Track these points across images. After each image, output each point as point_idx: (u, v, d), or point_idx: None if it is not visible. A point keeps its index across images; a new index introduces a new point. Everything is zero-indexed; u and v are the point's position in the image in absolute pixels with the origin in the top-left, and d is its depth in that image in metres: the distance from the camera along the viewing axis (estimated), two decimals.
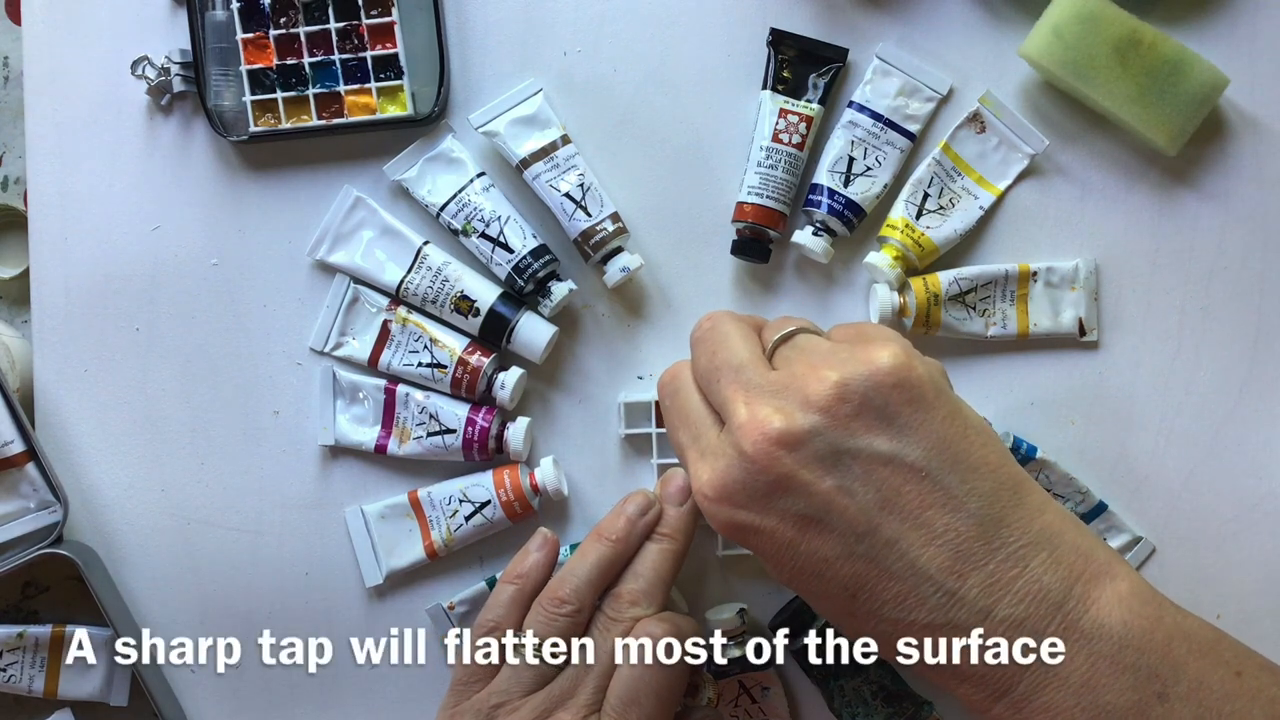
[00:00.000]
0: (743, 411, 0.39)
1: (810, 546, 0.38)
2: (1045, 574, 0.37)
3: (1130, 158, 0.57)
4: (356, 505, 0.57)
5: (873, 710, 0.55)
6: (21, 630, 0.56)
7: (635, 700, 0.44)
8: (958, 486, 0.37)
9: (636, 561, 0.48)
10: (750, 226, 0.55)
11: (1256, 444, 0.56)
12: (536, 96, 0.56)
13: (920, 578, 0.37)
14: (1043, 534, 0.38)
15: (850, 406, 0.38)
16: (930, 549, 0.37)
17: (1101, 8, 0.53)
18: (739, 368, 0.41)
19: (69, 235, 0.58)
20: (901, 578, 0.37)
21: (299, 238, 0.58)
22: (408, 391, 0.56)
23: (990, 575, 0.37)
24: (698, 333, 0.44)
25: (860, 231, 0.56)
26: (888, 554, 0.37)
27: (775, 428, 0.38)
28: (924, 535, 0.37)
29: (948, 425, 0.38)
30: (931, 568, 0.37)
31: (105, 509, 0.58)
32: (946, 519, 0.37)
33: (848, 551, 0.37)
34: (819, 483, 0.37)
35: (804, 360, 0.40)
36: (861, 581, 0.38)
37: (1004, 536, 0.37)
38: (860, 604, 0.38)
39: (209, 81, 0.56)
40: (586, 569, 0.47)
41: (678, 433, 0.44)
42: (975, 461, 0.38)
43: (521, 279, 0.55)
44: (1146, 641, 0.36)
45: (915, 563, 0.37)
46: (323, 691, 0.58)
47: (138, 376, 0.58)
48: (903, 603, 0.37)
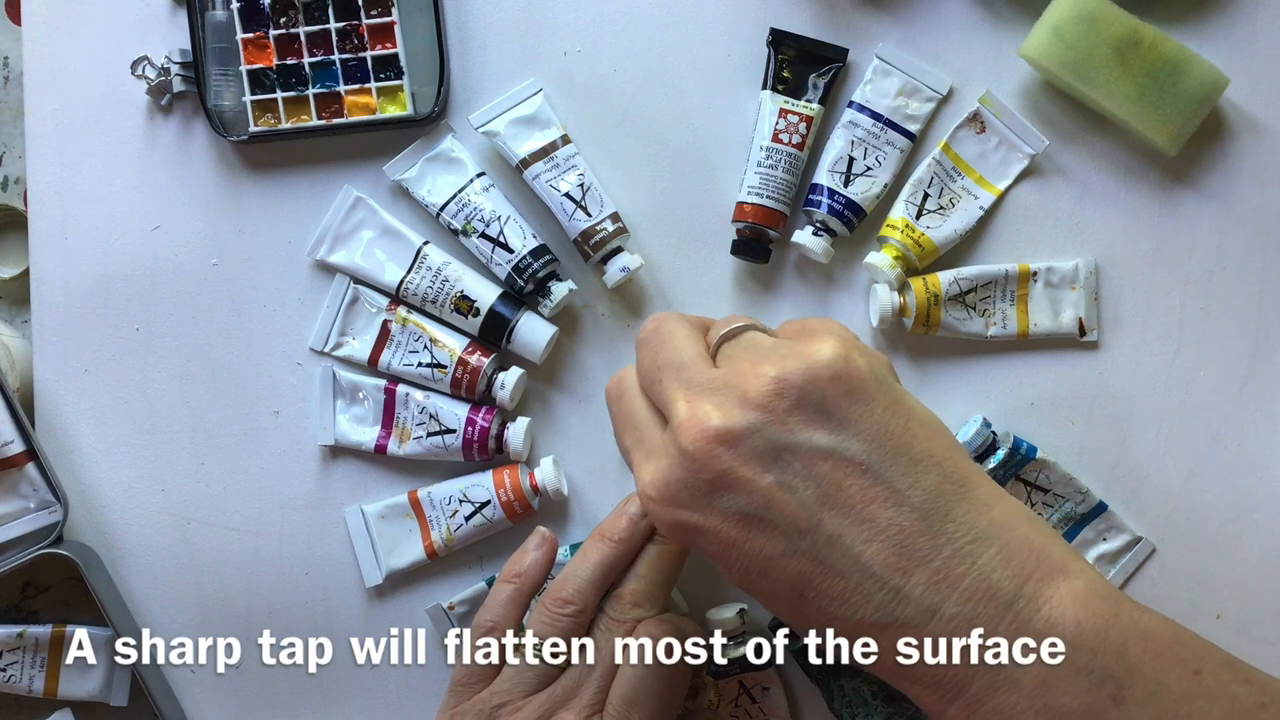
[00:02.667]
0: (682, 409, 0.38)
1: (754, 545, 0.37)
2: (994, 571, 0.36)
3: (1130, 158, 0.57)
4: (356, 505, 0.57)
5: (873, 710, 0.55)
6: (21, 630, 0.56)
7: (637, 700, 0.44)
8: (900, 480, 0.37)
9: (638, 562, 0.48)
10: (750, 226, 0.55)
11: (1256, 444, 0.56)
12: (536, 96, 0.56)
13: (864, 574, 0.36)
14: (992, 528, 0.37)
15: (787, 402, 0.37)
16: (874, 545, 0.36)
17: (1101, 8, 0.53)
18: (680, 366, 0.40)
19: (69, 235, 0.58)
20: (845, 574, 0.36)
21: (299, 238, 0.58)
22: (408, 391, 0.56)
23: (936, 572, 0.36)
24: (642, 334, 0.43)
25: (860, 231, 0.56)
26: (830, 550, 0.36)
27: (713, 425, 0.37)
28: (867, 530, 0.36)
29: (889, 417, 0.38)
30: (875, 564, 0.36)
31: (105, 509, 0.58)
32: (890, 513, 0.36)
33: (791, 549, 0.37)
34: (758, 480, 0.37)
35: (745, 357, 0.39)
36: (807, 579, 0.37)
37: (949, 531, 0.36)
38: (809, 603, 0.37)
39: (209, 81, 0.56)
40: (589, 570, 0.47)
41: (623, 436, 0.43)
42: (918, 454, 0.37)
43: (521, 279, 0.55)
44: (1101, 642, 0.35)
45: (859, 559, 0.36)
46: (323, 691, 0.58)
47: (138, 376, 0.58)
48: (848, 600, 0.36)
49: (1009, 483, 0.55)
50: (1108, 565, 0.56)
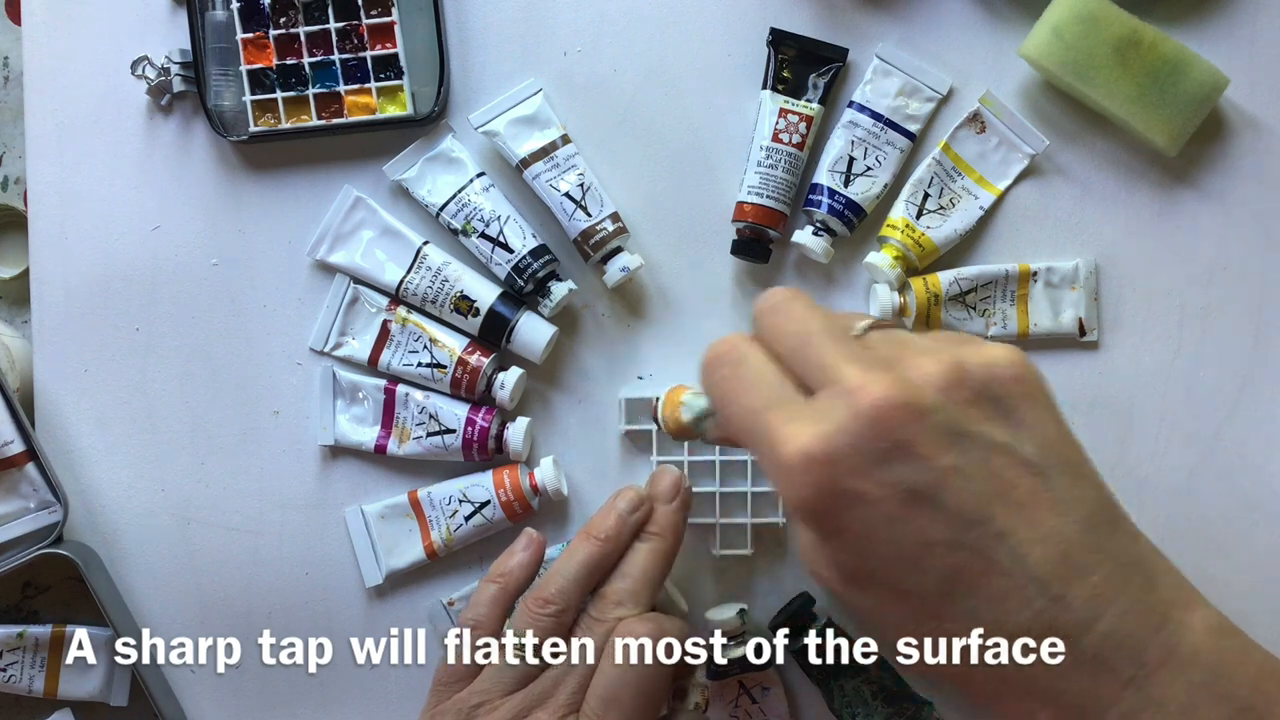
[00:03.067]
0: (855, 374, 0.35)
1: (916, 526, 0.34)
2: (1147, 595, 0.35)
3: (1130, 158, 0.57)
4: (356, 505, 0.57)
5: (873, 710, 0.55)
6: (21, 630, 0.56)
7: (615, 700, 0.43)
8: (1067, 490, 0.35)
9: (625, 561, 0.47)
10: (750, 226, 0.55)
11: (1256, 444, 0.56)
12: (536, 96, 0.56)
13: (1027, 576, 0.34)
14: (1141, 556, 0.36)
15: (969, 391, 0.35)
16: (1039, 548, 0.34)
17: (1101, 8, 0.53)
18: (837, 338, 0.37)
19: (69, 235, 0.58)
20: (1009, 574, 0.34)
21: (299, 238, 0.58)
22: (407, 391, 0.56)
23: (1095, 587, 0.34)
24: (769, 303, 0.40)
25: (860, 231, 0.56)
26: (998, 547, 0.34)
27: (898, 393, 0.34)
28: (1035, 533, 0.34)
29: (1059, 428, 0.36)
30: (1041, 568, 0.34)
31: (105, 509, 0.58)
32: (1055, 520, 0.35)
33: (954, 539, 0.34)
34: (938, 457, 0.34)
35: (907, 346, 0.37)
36: (962, 574, 0.34)
37: (1109, 550, 0.35)
38: (955, 602, 0.35)
39: (209, 81, 0.56)
40: (574, 569, 0.47)
41: (747, 397, 0.38)
42: (1084, 470, 0.36)
43: (521, 279, 0.55)
44: (1239, 673, 0.35)
45: (1025, 560, 0.34)
46: (323, 691, 0.58)
47: (138, 376, 0.58)
48: (1003, 603, 0.34)
49: None
50: None
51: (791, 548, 0.57)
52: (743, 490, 0.56)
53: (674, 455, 0.56)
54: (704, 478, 0.56)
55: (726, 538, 0.56)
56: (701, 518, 0.56)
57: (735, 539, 0.56)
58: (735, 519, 0.56)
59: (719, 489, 0.56)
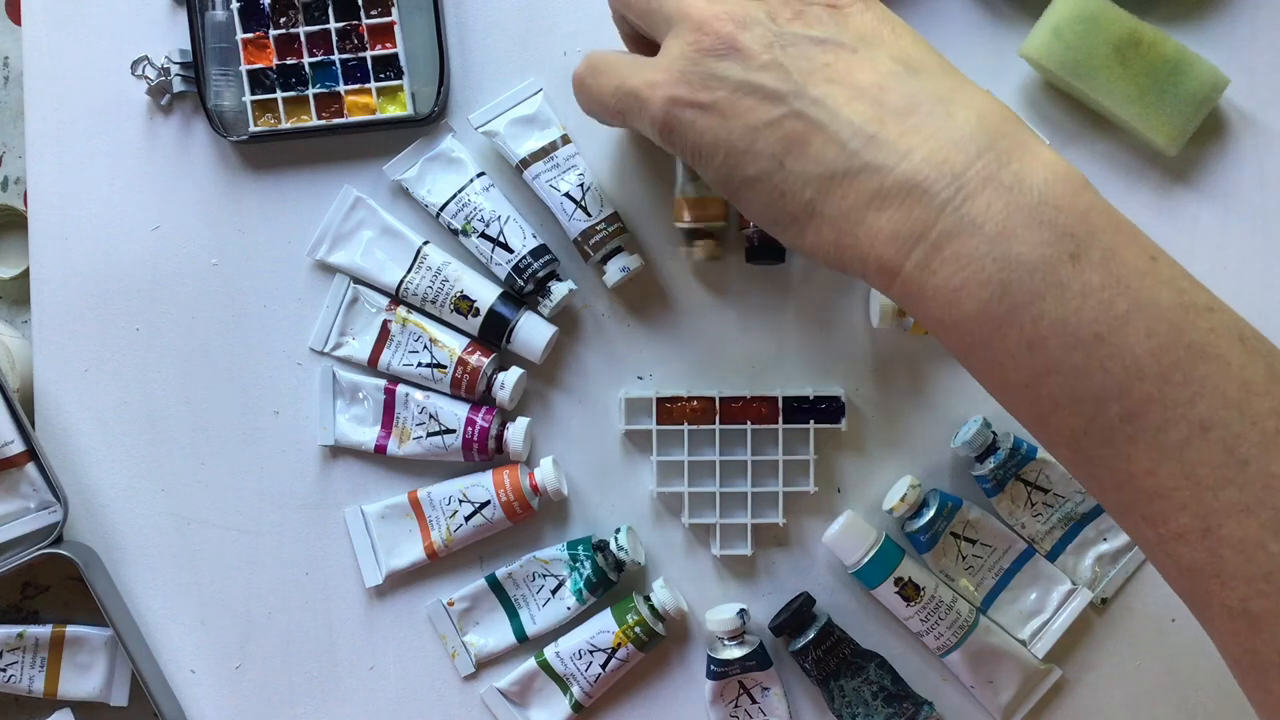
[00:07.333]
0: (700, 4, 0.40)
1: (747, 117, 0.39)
2: (969, 126, 0.37)
3: (1130, 158, 0.57)
4: (356, 505, 0.57)
5: (873, 710, 0.55)
6: (21, 630, 0.56)
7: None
8: (885, 60, 0.39)
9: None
10: (759, 230, 0.55)
11: None
12: (536, 96, 0.56)
13: (846, 128, 0.38)
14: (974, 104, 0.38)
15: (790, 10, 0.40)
16: (855, 103, 0.38)
17: (1101, 8, 0.53)
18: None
19: (69, 235, 0.58)
20: (826, 129, 0.38)
21: (299, 238, 0.58)
22: (408, 391, 0.56)
23: (913, 126, 0.37)
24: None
25: None
26: (816, 111, 0.38)
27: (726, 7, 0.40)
28: (850, 92, 0.38)
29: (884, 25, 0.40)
30: (856, 117, 0.38)
31: (105, 509, 0.58)
32: (872, 77, 0.38)
33: (777, 117, 0.39)
34: (761, 54, 0.39)
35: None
36: (791, 145, 0.38)
37: (930, 90, 0.38)
38: (788, 172, 0.39)
39: (209, 81, 0.56)
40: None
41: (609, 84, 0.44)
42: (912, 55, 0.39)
43: (521, 279, 0.55)
44: (1067, 203, 0.36)
45: (839, 114, 0.38)
46: (323, 691, 0.58)
47: (138, 376, 0.58)
48: (825, 155, 0.38)
49: (1009, 483, 0.55)
50: (1108, 565, 0.56)
51: (792, 548, 0.57)
52: (743, 490, 0.56)
53: (674, 455, 0.56)
54: (704, 478, 0.56)
55: (726, 538, 0.56)
56: (702, 518, 0.56)
57: (735, 539, 0.56)
58: (735, 519, 0.56)
59: (719, 489, 0.56)
